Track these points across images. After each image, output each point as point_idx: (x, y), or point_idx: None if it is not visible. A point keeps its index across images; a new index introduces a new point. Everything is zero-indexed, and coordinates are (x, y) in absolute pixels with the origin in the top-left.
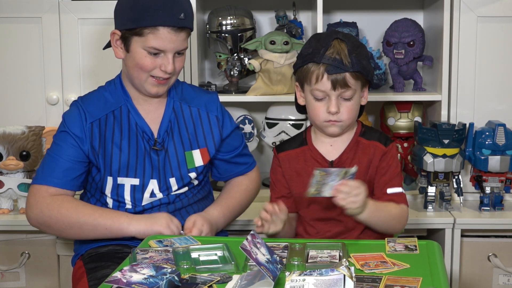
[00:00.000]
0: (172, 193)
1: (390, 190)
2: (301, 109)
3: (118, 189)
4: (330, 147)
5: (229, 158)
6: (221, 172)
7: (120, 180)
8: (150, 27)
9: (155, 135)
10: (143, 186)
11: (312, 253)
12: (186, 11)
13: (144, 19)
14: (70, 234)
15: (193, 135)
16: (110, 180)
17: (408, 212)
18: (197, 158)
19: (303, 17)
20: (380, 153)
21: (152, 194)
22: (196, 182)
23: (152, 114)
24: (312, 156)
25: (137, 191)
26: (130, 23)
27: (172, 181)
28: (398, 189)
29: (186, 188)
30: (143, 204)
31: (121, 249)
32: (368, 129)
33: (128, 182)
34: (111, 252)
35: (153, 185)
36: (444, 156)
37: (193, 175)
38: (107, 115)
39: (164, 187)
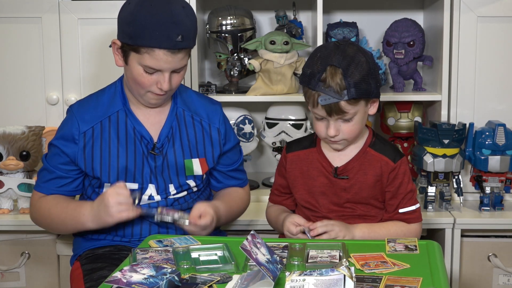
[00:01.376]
0: (171, 197)
1: (402, 210)
2: None
3: None
4: (338, 153)
5: (226, 171)
6: (218, 183)
7: None
8: (146, 47)
9: (155, 139)
10: (141, 189)
11: (312, 253)
12: (184, 32)
13: (141, 39)
14: (59, 232)
15: (193, 144)
16: (108, 185)
17: (419, 229)
18: (197, 166)
19: (303, 17)
20: (389, 169)
21: (150, 197)
22: (195, 189)
23: (153, 118)
24: (318, 160)
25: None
26: (128, 38)
27: (171, 187)
28: (411, 208)
29: (185, 193)
30: (140, 204)
31: (118, 250)
32: (379, 140)
33: (127, 187)
34: (108, 253)
35: (151, 189)
36: (444, 156)
37: (191, 183)
38: (102, 122)
39: (163, 192)
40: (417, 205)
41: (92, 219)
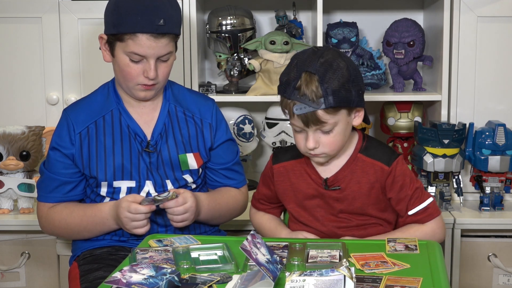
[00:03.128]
0: None
1: (411, 212)
2: None
3: (114, 192)
4: (326, 163)
5: (218, 169)
6: (211, 181)
7: (116, 183)
8: (129, 33)
9: (148, 137)
10: (139, 187)
11: (312, 253)
12: (167, 17)
13: (123, 25)
14: (76, 238)
15: (187, 139)
16: (105, 184)
17: (435, 226)
18: (191, 160)
19: (303, 17)
20: (384, 175)
21: (148, 195)
22: (194, 186)
23: (146, 116)
24: (306, 171)
25: (133, 192)
26: (112, 28)
27: (168, 183)
28: (420, 206)
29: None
30: None
31: (116, 251)
32: (370, 144)
33: (125, 185)
34: (105, 254)
35: (148, 186)
36: (444, 156)
37: (188, 178)
38: (97, 121)
39: (161, 188)
40: (428, 201)
41: (116, 224)
